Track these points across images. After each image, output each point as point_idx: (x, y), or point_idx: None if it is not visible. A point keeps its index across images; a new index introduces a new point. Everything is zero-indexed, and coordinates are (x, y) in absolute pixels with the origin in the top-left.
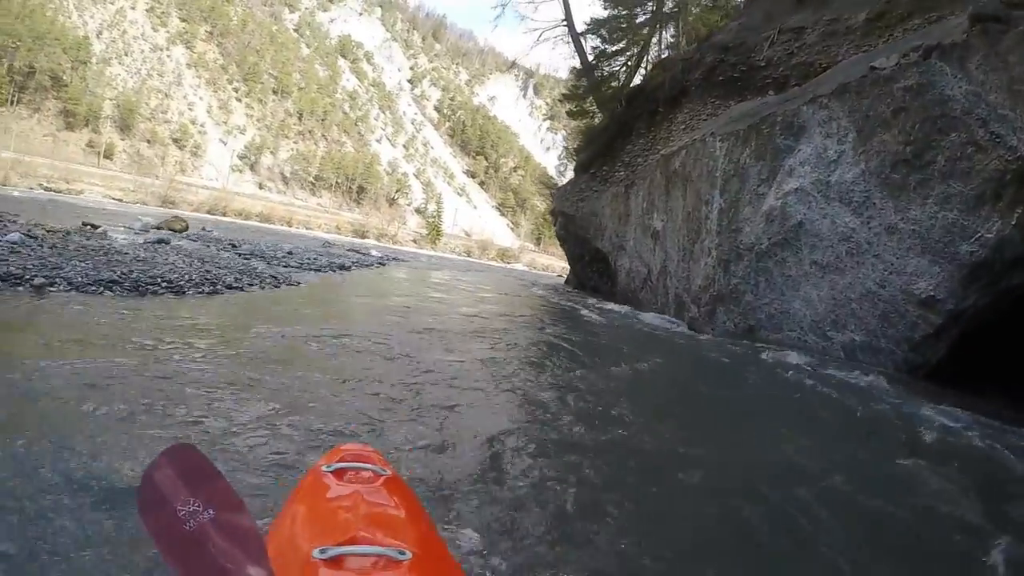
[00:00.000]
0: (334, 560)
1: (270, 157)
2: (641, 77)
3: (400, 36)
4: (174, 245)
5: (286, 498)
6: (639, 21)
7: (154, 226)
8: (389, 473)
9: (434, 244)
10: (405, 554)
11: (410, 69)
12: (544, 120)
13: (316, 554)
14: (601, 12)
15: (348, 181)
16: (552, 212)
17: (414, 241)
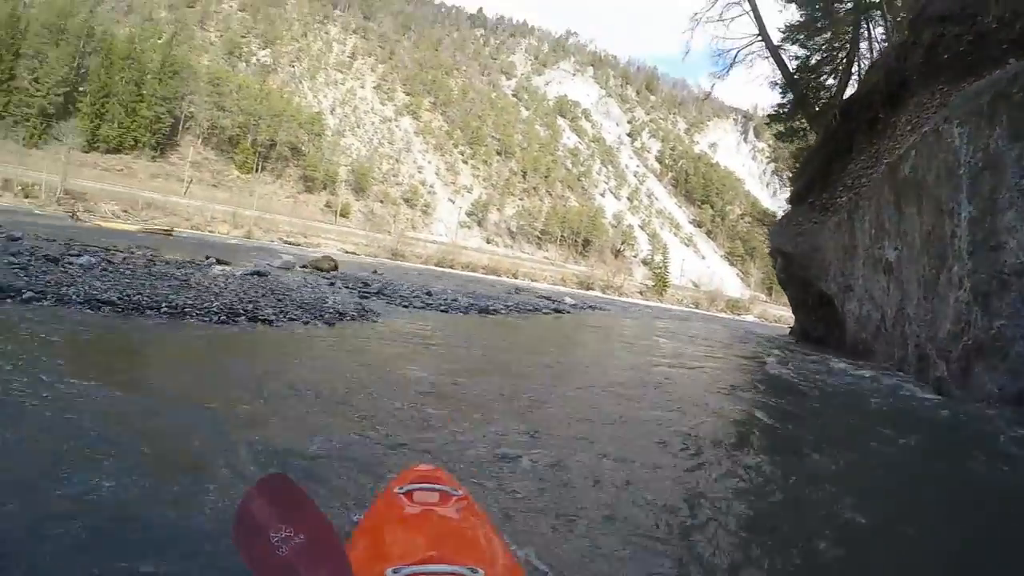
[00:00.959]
0: None
1: (496, 213)
2: (855, 85)
3: (615, 91)
4: (271, 278)
5: (360, 519)
6: (839, 17)
7: (300, 265)
8: (461, 493)
9: (660, 295)
10: (478, 573)
11: (628, 123)
12: (768, 163)
13: (390, 574)
14: (796, 17)
15: (573, 234)
16: (771, 252)
17: (640, 292)
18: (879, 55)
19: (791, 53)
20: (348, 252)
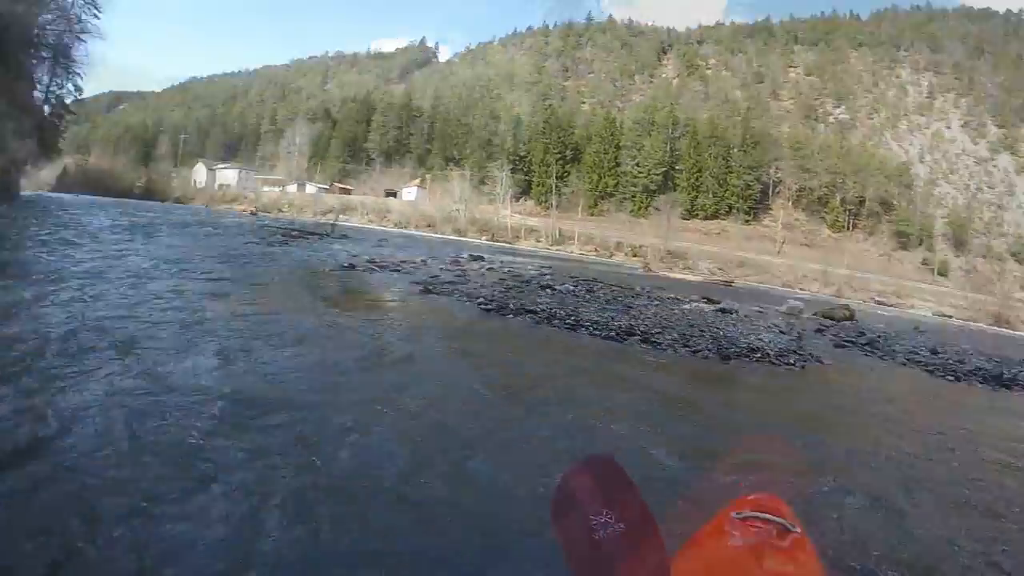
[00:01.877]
0: None
1: None
2: None
3: None
4: (738, 315)
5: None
6: None
7: (810, 314)
8: (798, 531)
9: None
10: None
11: None
12: None
13: None
14: None
15: None
16: None
17: None
18: None
19: None
20: (943, 315)
